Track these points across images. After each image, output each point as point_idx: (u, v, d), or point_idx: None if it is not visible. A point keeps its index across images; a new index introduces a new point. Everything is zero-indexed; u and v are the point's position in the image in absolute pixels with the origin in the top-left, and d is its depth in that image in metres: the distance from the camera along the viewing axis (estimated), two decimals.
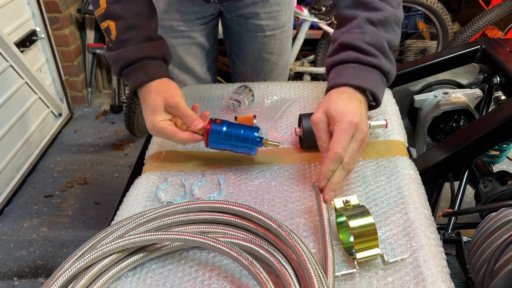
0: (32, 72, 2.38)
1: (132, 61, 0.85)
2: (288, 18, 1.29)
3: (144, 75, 0.84)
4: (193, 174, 0.88)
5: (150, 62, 0.86)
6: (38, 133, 2.53)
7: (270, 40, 1.28)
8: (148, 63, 0.85)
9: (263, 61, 1.31)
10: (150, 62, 0.86)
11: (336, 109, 0.75)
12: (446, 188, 1.24)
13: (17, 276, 1.84)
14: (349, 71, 0.80)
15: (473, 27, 2.47)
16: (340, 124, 0.73)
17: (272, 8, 1.22)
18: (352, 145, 0.73)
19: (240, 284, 0.65)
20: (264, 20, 1.23)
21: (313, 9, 2.58)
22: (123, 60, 0.85)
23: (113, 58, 0.87)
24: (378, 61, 0.80)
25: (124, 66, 0.86)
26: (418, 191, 0.79)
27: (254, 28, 1.24)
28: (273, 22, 1.25)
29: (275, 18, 1.25)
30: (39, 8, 2.46)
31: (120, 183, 2.30)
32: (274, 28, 1.26)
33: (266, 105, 1.06)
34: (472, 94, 1.27)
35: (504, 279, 0.73)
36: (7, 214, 2.14)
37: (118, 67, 0.87)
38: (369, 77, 0.79)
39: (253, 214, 0.68)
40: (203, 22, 1.22)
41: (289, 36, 1.34)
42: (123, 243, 0.65)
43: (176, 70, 1.26)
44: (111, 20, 0.86)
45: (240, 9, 1.21)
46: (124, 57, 0.85)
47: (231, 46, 1.32)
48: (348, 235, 0.70)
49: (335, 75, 0.82)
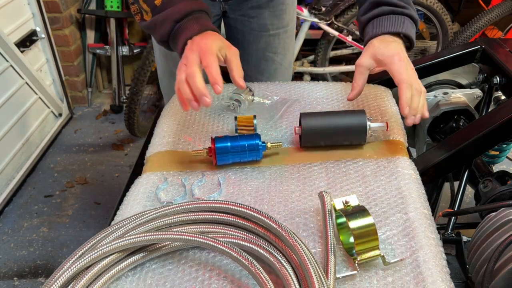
0: (32, 72, 2.38)
1: (186, 13, 0.87)
2: (292, 17, 1.29)
3: (198, 26, 0.86)
4: (193, 174, 0.88)
5: (202, 15, 0.88)
6: (38, 133, 2.53)
7: (274, 40, 1.28)
8: (201, 15, 0.88)
9: (267, 60, 1.31)
10: (203, 15, 0.89)
11: (384, 53, 0.89)
12: (446, 188, 1.24)
13: (17, 276, 1.84)
14: (386, 22, 0.93)
15: (473, 27, 2.47)
16: (393, 61, 0.87)
17: (276, 7, 1.23)
18: (410, 73, 0.87)
19: (240, 284, 0.65)
20: (269, 19, 1.23)
21: (313, 9, 2.58)
22: (177, 14, 0.87)
23: (162, 18, 0.88)
24: (409, 11, 0.94)
25: (179, 19, 0.87)
26: (418, 191, 0.79)
27: (258, 27, 1.24)
28: (277, 21, 1.25)
29: (279, 17, 1.25)
30: (39, 8, 2.46)
31: (120, 183, 2.30)
32: (278, 27, 1.26)
33: (266, 105, 1.06)
34: (472, 94, 1.27)
35: (504, 279, 0.73)
36: (7, 214, 2.14)
37: (170, 23, 0.88)
38: (405, 23, 0.93)
39: (253, 214, 0.68)
40: None
41: (293, 36, 1.34)
42: (123, 243, 0.65)
43: None
44: None
45: (244, 8, 1.21)
46: (178, 10, 0.87)
47: (234, 46, 1.32)
48: (348, 236, 0.70)
49: (373, 27, 0.94)
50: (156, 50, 1.32)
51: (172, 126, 1.01)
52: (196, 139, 0.97)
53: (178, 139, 0.97)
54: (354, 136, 0.90)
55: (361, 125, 0.89)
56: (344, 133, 0.90)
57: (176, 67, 1.25)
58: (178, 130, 0.99)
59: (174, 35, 0.88)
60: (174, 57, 1.26)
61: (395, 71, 0.87)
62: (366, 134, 0.89)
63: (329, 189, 0.81)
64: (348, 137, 0.90)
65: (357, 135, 0.90)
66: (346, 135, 0.90)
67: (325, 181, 0.83)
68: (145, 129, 2.56)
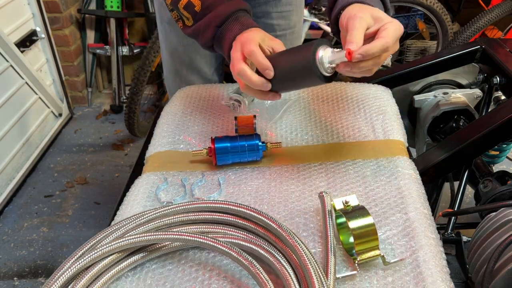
0: (32, 72, 2.38)
1: (226, 17, 0.86)
2: (299, 18, 1.29)
3: (239, 25, 0.85)
4: (193, 174, 0.88)
5: (242, 14, 0.87)
6: (38, 133, 2.53)
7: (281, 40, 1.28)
8: (241, 15, 0.87)
9: None
10: (242, 13, 0.87)
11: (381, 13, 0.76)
12: (446, 188, 1.24)
13: (17, 276, 1.84)
14: None
15: (473, 27, 2.46)
16: (393, 24, 0.73)
17: (283, 8, 1.23)
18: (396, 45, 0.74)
19: (240, 284, 0.65)
20: (276, 19, 1.23)
21: (313, 9, 2.58)
22: (217, 19, 0.86)
23: (204, 25, 0.87)
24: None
25: (219, 24, 0.86)
26: (418, 191, 0.79)
27: (265, 27, 1.24)
28: (284, 22, 1.25)
29: (286, 18, 1.25)
30: (39, 8, 2.46)
31: (120, 183, 2.30)
32: (285, 28, 1.26)
33: (266, 105, 1.06)
34: (472, 94, 1.27)
35: (504, 279, 0.73)
36: (7, 214, 2.14)
37: (212, 29, 0.87)
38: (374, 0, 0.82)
39: (253, 214, 0.68)
40: None
41: (299, 37, 1.34)
42: (123, 243, 0.65)
43: (184, 70, 1.26)
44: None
45: (252, 7, 1.21)
46: (217, 15, 0.86)
47: None
48: (348, 236, 0.70)
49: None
50: (163, 47, 1.32)
51: (172, 126, 1.01)
52: (196, 139, 0.97)
53: (178, 139, 0.97)
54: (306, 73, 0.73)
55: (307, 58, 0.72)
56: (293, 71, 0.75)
57: (182, 65, 1.25)
58: (178, 130, 0.99)
59: (218, 40, 0.88)
60: (180, 55, 1.27)
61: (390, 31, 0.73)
62: (319, 69, 0.72)
63: (329, 189, 0.81)
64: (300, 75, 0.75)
65: (307, 70, 0.73)
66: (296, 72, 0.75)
67: (325, 181, 0.83)
68: (145, 129, 2.56)
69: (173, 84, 1.33)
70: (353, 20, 0.74)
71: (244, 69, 0.78)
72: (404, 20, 2.93)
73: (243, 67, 0.78)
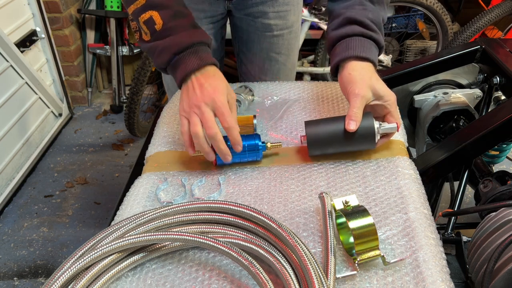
0: (32, 72, 2.39)
1: (186, 46, 0.84)
2: (297, 18, 1.29)
3: (198, 60, 0.84)
4: (193, 174, 0.88)
5: (202, 48, 0.86)
6: (38, 133, 2.53)
7: (278, 40, 1.28)
8: (201, 48, 0.86)
9: (271, 60, 1.31)
10: (202, 47, 0.86)
11: (381, 88, 0.85)
12: (446, 188, 1.24)
13: (17, 276, 1.84)
14: (356, 44, 0.89)
15: (473, 27, 2.46)
16: (392, 102, 0.86)
17: (281, 8, 1.23)
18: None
19: (240, 284, 0.65)
20: (273, 19, 1.23)
21: (313, 9, 2.58)
22: (176, 46, 0.84)
23: (161, 47, 0.86)
24: (377, 36, 0.91)
25: (177, 52, 0.85)
26: (418, 191, 0.79)
27: (263, 27, 1.24)
28: (281, 22, 1.25)
29: (284, 18, 1.25)
30: (39, 8, 2.46)
31: (120, 183, 2.30)
32: (282, 28, 1.26)
33: (266, 105, 1.06)
34: (472, 94, 1.27)
35: (504, 279, 0.73)
36: (7, 214, 2.14)
37: (169, 55, 0.85)
38: (371, 49, 0.89)
39: (253, 214, 0.68)
40: (212, 21, 1.22)
41: (297, 37, 1.34)
42: (123, 243, 0.65)
43: None
44: (153, 10, 0.85)
45: (249, 7, 1.21)
46: (177, 42, 0.84)
47: (239, 45, 1.33)
48: (348, 236, 0.70)
49: (343, 48, 0.90)
50: None
51: (172, 126, 1.01)
52: None
53: (178, 139, 0.97)
54: (363, 141, 0.84)
55: (369, 129, 0.83)
56: (351, 139, 0.84)
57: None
58: (178, 130, 0.99)
59: (173, 67, 0.86)
60: None
61: (394, 113, 0.87)
62: (375, 138, 0.84)
63: (329, 189, 0.81)
64: (356, 143, 0.85)
65: (366, 139, 0.84)
66: (354, 140, 0.84)
67: (325, 181, 0.83)
68: (145, 129, 2.57)
69: (173, 84, 1.33)
70: (355, 98, 0.83)
71: (218, 135, 0.81)
72: (404, 20, 2.93)
73: (218, 133, 0.81)
